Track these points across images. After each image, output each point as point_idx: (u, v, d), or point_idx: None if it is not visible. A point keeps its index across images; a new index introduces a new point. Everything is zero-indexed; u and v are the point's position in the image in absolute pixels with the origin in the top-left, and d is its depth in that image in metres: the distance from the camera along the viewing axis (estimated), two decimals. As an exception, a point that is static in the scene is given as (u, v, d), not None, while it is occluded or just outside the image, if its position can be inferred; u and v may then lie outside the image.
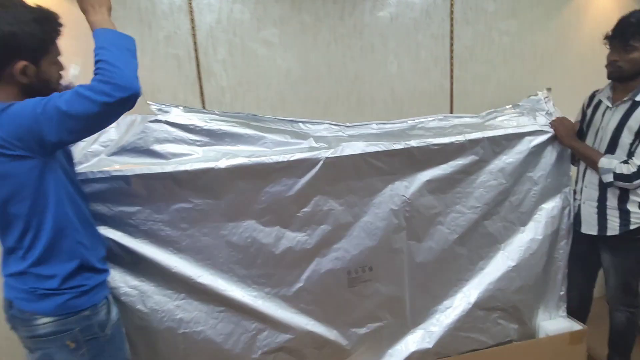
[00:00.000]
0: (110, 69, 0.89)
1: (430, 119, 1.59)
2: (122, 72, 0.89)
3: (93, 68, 0.94)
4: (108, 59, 0.90)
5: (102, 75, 0.90)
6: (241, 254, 1.43)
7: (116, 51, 0.92)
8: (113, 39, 0.95)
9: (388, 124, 1.56)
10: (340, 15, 1.84)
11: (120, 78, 0.88)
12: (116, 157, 1.30)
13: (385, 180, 1.48)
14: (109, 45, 0.93)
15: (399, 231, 1.52)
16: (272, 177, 1.35)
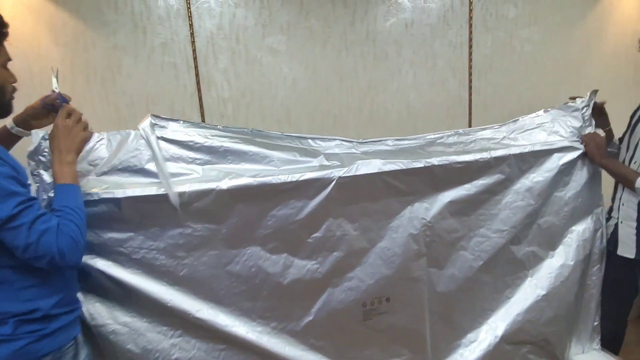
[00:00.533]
0: (77, 236, 0.93)
1: (449, 133, 1.49)
2: (77, 244, 0.92)
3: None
4: (77, 223, 0.94)
5: (70, 237, 0.91)
6: (245, 285, 1.32)
7: (77, 217, 0.95)
8: (74, 201, 0.98)
9: (404, 140, 1.46)
10: (351, 20, 1.74)
11: (74, 253, 0.91)
12: (106, 177, 1.18)
13: (403, 202, 1.37)
14: (76, 208, 0.96)
15: (419, 258, 1.41)
16: (279, 199, 1.25)
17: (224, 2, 1.63)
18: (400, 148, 1.46)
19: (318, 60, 1.76)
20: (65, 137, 1.01)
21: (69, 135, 1.01)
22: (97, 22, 1.58)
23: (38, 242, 0.85)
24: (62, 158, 0.99)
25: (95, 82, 1.64)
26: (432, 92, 1.88)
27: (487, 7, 1.83)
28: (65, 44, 1.59)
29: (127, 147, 1.20)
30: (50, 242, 0.86)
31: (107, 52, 1.62)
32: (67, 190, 0.98)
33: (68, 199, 0.97)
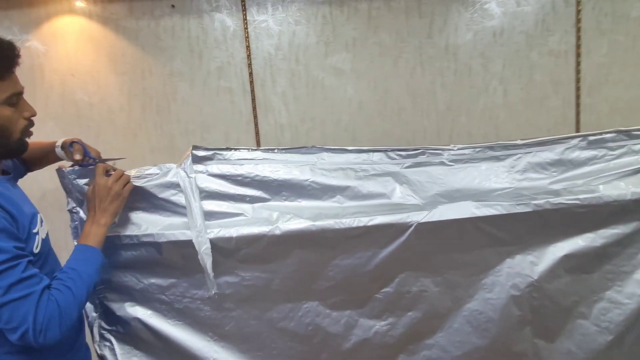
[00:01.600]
0: (66, 315, 0.82)
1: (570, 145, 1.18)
2: (62, 318, 0.81)
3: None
4: (72, 290, 0.84)
5: (51, 305, 0.80)
6: (301, 346, 1.21)
7: (79, 286, 0.86)
8: (87, 267, 0.90)
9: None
10: (427, 32, 1.56)
11: (53, 327, 0.79)
12: (146, 215, 1.09)
13: (502, 253, 1.14)
14: (81, 275, 0.88)
15: (522, 327, 1.16)
16: (344, 247, 1.11)
17: (283, 20, 1.54)
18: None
19: (388, 79, 1.60)
20: (103, 198, 0.98)
21: (107, 196, 0.98)
22: (154, 49, 1.58)
23: (12, 310, 0.76)
24: (95, 219, 0.97)
25: (150, 110, 1.63)
26: (527, 113, 1.62)
27: (601, 7, 1.55)
28: (123, 73, 1.61)
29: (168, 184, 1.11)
30: (27, 312, 0.76)
31: (163, 79, 1.60)
32: (85, 253, 0.93)
33: (82, 263, 0.90)
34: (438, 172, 1.18)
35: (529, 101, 1.62)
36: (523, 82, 1.61)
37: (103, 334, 1.12)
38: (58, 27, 1.57)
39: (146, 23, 1.56)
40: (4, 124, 0.83)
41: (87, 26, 1.56)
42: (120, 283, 1.11)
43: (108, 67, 1.59)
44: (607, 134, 1.18)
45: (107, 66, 1.59)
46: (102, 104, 1.63)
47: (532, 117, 1.63)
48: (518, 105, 1.62)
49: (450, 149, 1.20)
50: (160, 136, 1.65)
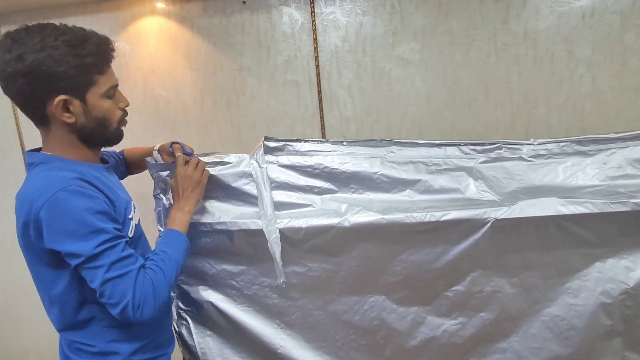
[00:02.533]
0: (160, 293, 0.87)
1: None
2: (156, 296, 0.86)
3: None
4: (167, 276, 0.90)
5: (147, 282, 0.86)
6: (364, 339, 1.19)
7: (170, 268, 0.91)
8: (175, 250, 0.96)
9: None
10: (503, 18, 1.46)
11: (149, 305, 0.85)
12: (220, 204, 1.14)
13: (589, 256, 1.04)
14: (170, 257, 0.93)
15: (611, 337, 1.06)
16: (413, 242, 1.08)
17: (350, 11, 1.52)
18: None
19: (459, 68, 1.52)
20: (186, 187, 1.04)
21: (189, 184, 1.04)
22: (225, 45, 1.64)
23: (113, 286, 0.81)
24: (180, 205, 1.03)
25: (221, 104, 1.69)
26: (620, 102, 1.46)
27: None
28: (197, 69, 1.68)
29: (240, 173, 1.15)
30: (126, 289, 0.82)
31: (232, 73, 1.66)
32: (174, 237, 0.98)
33: (171, 246, 0.95)
34: (517, 168, 1.10)
35: (622, 90, 1.45)
36: (615, 68, 1.44)
37: (180, 313, 1.20)
38: (141, 27, 1.68)
39: (218, 20, 1.63)
40: (104, 115, 0.89)
41: (166, 25, 1.66)
42: (195, 268, 1.17)
43: (184, 63, 1.68)
44: None
45: (183, 63, 1.68)
46: (177, 98, 1.73)
47: (624, 108, 1.46)
48: (608, 94, 1.46)
49: (530, 144, 1.11)
50: (230, 130, 1.71)
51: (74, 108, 0.84)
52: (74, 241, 0.78)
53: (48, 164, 0.86)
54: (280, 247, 1.07)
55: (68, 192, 0.79)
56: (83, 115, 0.86)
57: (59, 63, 0.80)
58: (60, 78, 0.81)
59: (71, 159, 0.88)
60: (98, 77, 0.86)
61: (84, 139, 0.89)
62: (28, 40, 0.79)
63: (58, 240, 0.79)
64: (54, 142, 0.88)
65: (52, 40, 0.80)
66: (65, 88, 0.82)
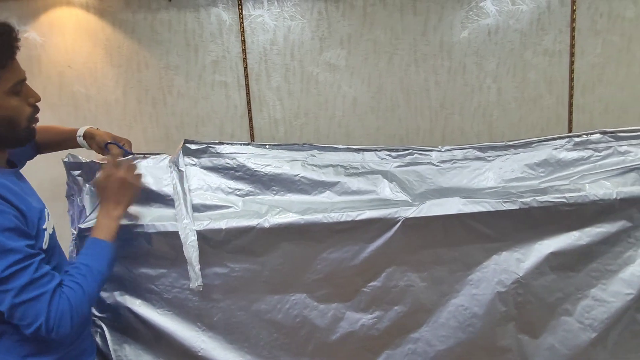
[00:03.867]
0: (77, 311, 0.82)
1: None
2: (72, 315, 0.81)
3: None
4: (87, 291, 0.85)
5: (63, 302, 0.81)
6: (287, 338, 1.21)
7: (91, 282, 0.86)
8: (99, 262, 0.90)
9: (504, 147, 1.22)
10: (422, 30, 1.57)
11: (64, 324, 0.80)
12: (137, 207, 1.10)
13: (488, 250, 1.15)
14: (92, 270, 0.88)
15: (507, 322, 1.17)
16: (332, 241, 1.12)
17: (278, 15, 1.56)
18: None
19: (382, 76, 1.61)
20: (117, 190, 0.96)
21: (121, 188, 0.97)
22: (151, 42, 1.60)
23: (25, 310, 0.76)
24: (109, 211, 0.95)
25: (146, 102, 1.65)
26: (521, 111, 1.63)
27: (597, 6, 1.56)
28: (119, 65, 1.62)
29: (159, 175, 1.13)
30: (39, 311, 0.77)
31: (159, 72, 1.62)
32: (98, 247, 0.92)
33: (94, 258, 0.89)
34: (427, 172, 1.20)
35: (523, 100, 1.63)
36: (517, 80, 1.62)
37: (94, 321, 1.15)
38: (55, 18, 1.58)
39: (142, 16, 1.58)
40: (12, 115, 0.80)
41: (84, 18, 1.58)
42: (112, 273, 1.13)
43: (105, 59, 1.61)
44: (592, 135, 1.20)
45: (103, 58, 1.61)
46: (98, 95, 1.65)
47: (525, 116, 1.65)
48: (512, 103, 1.63)
49: (438, 150, 1.22)
50: (156, 129, 1.67)
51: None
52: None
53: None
54: (199, 251, 1.06)
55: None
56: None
57: None
58: None
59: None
60: (0, 72, 0.78)
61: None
62: None
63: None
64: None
65: None
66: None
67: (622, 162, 1.19)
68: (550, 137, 1.22)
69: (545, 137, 1.22)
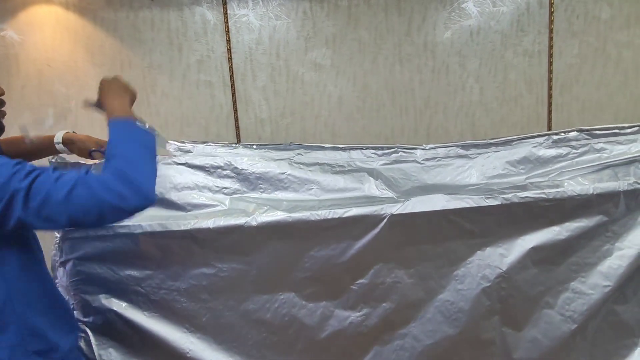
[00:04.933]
0: (132, 170, 0.78)
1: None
2: (145, 176, 0.79)
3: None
4: (130, 157, 0.80)
5: (120, 174, 0.76)
6: (276, 337, 1.21)
7: (139, 149, 0.82)
8: (134, 134, 0.86)
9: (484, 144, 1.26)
10: (406, 30, 1.60)
11: (142, 183, 0.78)
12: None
13: (472, 246, 1.18)
14: (130, 141, 0.83)
15: (491, 316, 1.20)
16: (319, 239, 1.13)
17: (263, 15, 1.56)
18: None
19: (367, 75, 1.63)
20: (121, 87, 0.98)
21: (126, 87, 0.99)
22: (133, 41, 1.58)
23: (125, 182, 0.75)
24: (115, 96, 0.95)
25: (129, 103, 1.63)
26: (502, 111, 1.68)
27: (574, 8, 1.61)
28: (102, 64, 1.60)
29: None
30: (136, 175, 0.76)
31: (142, 71, 1.61)
32: (125, 124, 0.88)
33: (129, 133, 0.86)
34: (412, 170, 1.24)
35: (504, 99, 1.68)
36: (498, 80, 1.67)
37: (78, 325, 1.13)
38: (34, 16, 1.55)
39: (125, 14, 1.57)
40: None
41: (64, 16, 1.56)
42: (95, 275, 1.12)
43: (86, 58, 1.59)
44: (570, 133, 1.25)
45: (84, 57, 1.59)
46: (79, 95, 1.62)
47: (506, 115, 1.69)
48: (493, 103, 1.68)
49: (422, 148, 1.25)
50: (139, 129, 1.65)
51: None
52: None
53: None
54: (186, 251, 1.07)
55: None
56: None
57: None
58: None
59: None
60: None
61: None
62: None
63: None
64: None
65: None
66: None
67: (597, 159, 1.25)
68: (529, 135, 1.27)
69: (525, 135, 1.27)
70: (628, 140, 1.25)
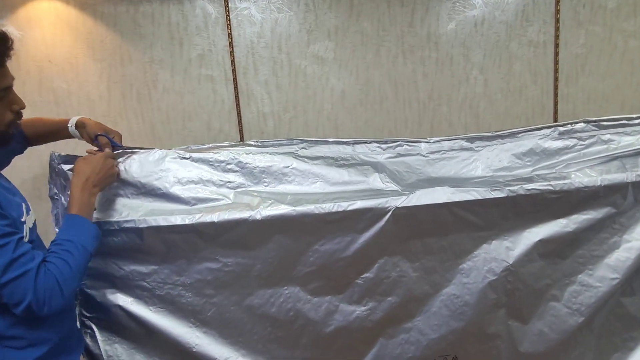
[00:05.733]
0: (66, 283, 0.83)
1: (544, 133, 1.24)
2: (62, 289, 0.83)
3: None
4: (68, 262, 0.85)
5: (49, 279, 0.81)
6: (281, 331, 1.21)
7: (76, 256, 0.86)
8: (80, 236, 0.90)
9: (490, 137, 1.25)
10: (409, 21, 1.59)
11: (55, 299, 0.81)
12: (127, 200, 1.10)
13: (478, 239, 1.18)
14: (76, 244, 0.88)
15: (497, 309, 1.20)
16: (324, 232, 1.13)
17: (265, 8, 1.55)
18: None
19: (370, 68, 1.62)
20: (97, 171, 0.98)
21: (102, 170, 0.98)
22: (134, 35, 1.57)
23: (11, 288, 0.77)
24: (85, 186, 0.95)
25: (131, 97, 1.63)
26: (507, 102, 1.66)
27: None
28: (102, 60, 1.60)
29: (150, 168, 1.12)
30: (26, 289, 0.78)
31: (143, 66, 1.60)
32: (78, 223, 0.92)
33: (75, 232, 0.90)
34: (416, 163, 1.23)
35: (509, 91, 1.66)
36: (503, 72, 1.65)
37: (84, 321, 1.14)
38: (33, 12, 1.54)
39: (125, 9, 1.55)
40: (9, 116, 0.81)
41: (64, 11, 1.55)
42: (101, 270, 1.12)
43: (86, 53, 1.58)
44: (577, 125, 1.24)
45: (85, 53, 1.58)
46: (80, 91, 1.62)
47: (511, 107, 1.68)
48: (498, 94, 1.66)
49: (427, 142, 1.24)
50: (141, 124, 1.65)
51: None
52: None
53: None
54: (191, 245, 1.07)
55: None
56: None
57: None
58: None
59: None
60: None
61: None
62: None
63: None
64: None
65: None
66: None
67: (605, 150, 1.23)
68: (535, 126, 1.26)
69: (531, 127, 1.26)
70: (636, 131, 1.23)
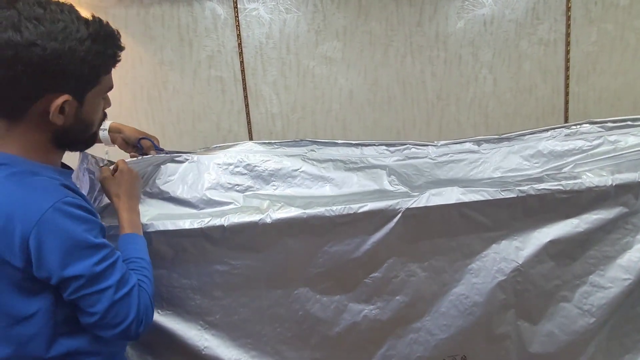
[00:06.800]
0: (149, 295, 0.80)
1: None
2: (153, 306, 0.81)
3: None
4: (149, 278, 0.84)
5: (144, 296, 0.78)
6: (290, 332, 1.19)
7: (150, 274, 0.85)
8: (146, 254, 0.90)
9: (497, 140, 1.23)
10: (418, 20, 1.56)
11: (151, 315, 0.80)
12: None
13: (487, 239, 1.15)
14: (148, 262, 0.87)
15: (506, 310, 1.18)
16: (333, 234, 1.11)
17: (274, 9, 1.53)
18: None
19: (378, 68, 1.59)
20: (132, 184, 0.96)
21: (135, 182, 0.97)
22: (144, 38, 1.57)
23: (120, 307, 0.72)
24: (130, 205, 0.93)
25: (141, 99, 1.62)
26: (516, 101, 1.63)
27: (591, -5, 1.54)
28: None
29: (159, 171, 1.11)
30: (131, 306, 0.73)
31: (153, 67, 1.59)
32: (139, 241, 0.91)
33: (141, 251, 0.88)
34: (424, 166, 1.21)
35: (518, 90, 1.62)
36: (512, 71, 1.61)
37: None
38: (46, 15, 1.54)
39: (135, 11, 1.54)
40: (93, 118, 0.76)
41: (76, 14, 1.54)
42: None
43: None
44: (582, 126, 1.20)
45: (96, 55, 1.58)
46: (92, 93, 1.62)
47: (521, 106, 1.64)
48: (507, 94, 1.62)
49: (434, 145, 1.22)
50: (152, 125, 1.64)
51: (69, 109, 0.69)
52: (72, 261, 0.67)
53: (11, 167, 0.70)
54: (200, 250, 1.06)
55: (61, 209, 0.67)
56: (73, 116, 0.71)
57: (80, 61, 0.66)
58: (73, 76, 0.67)
59: (36, 162, 0.72)
60: (103, 77, 0.73)
61: (58, 140, 0.73)
62: (47, 24, 0.63)
63: (54, 266, 0.66)
64: (18, 140, 0.71)
65: (75, 30, 0.65)
66: (71, 87, 0.68)
67: (613, 150, 1.20)
68: (542, 128, 1.23)
69: (537, 129, 1.23)
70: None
